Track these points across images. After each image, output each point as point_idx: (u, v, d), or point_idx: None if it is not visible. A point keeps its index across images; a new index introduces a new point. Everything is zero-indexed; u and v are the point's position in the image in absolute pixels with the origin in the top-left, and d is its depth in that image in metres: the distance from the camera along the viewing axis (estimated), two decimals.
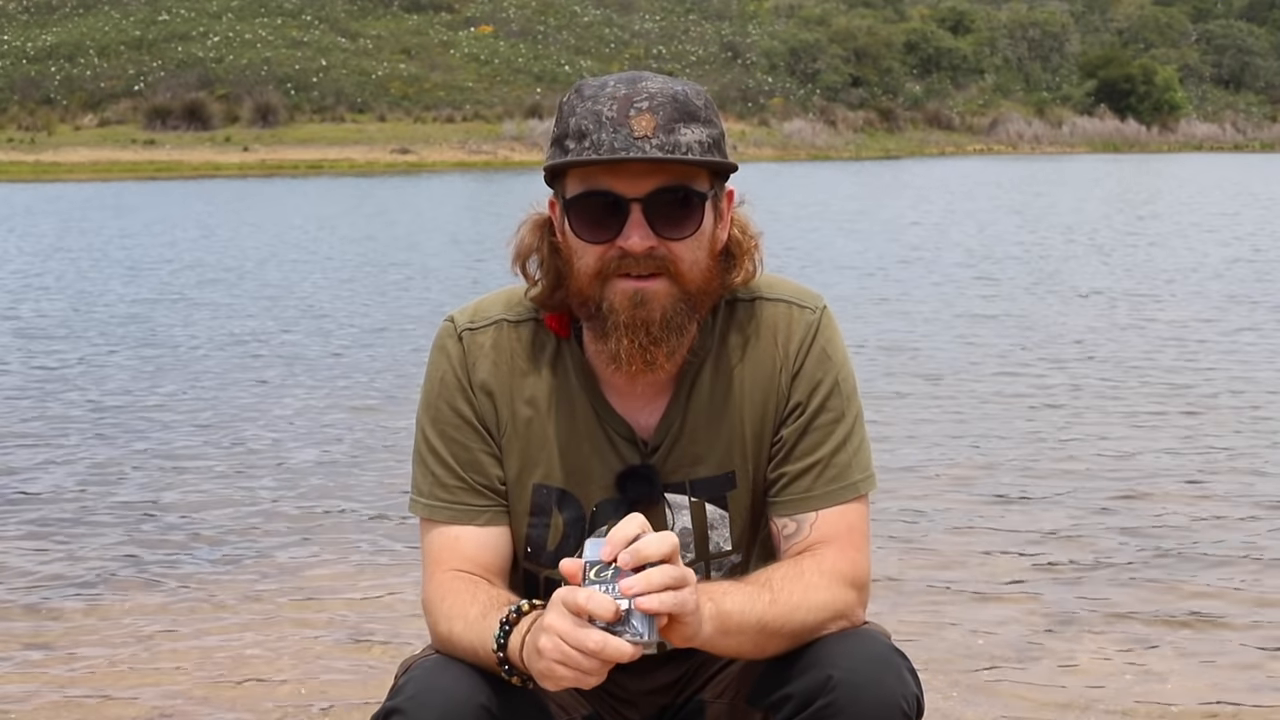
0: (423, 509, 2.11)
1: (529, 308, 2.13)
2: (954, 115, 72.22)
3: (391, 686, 2.02)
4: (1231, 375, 9.04)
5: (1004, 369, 9.39)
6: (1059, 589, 4.84)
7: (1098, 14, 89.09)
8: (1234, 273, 15.34)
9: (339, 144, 54.19)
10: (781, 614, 1.95)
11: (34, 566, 5.28)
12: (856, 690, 1.90)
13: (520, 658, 1.87)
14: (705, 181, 2.00)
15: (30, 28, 68.14)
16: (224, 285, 15.09)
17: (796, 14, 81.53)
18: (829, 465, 2.08)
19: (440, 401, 2.11)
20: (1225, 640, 4.34)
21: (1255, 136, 76.01)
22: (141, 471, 6.78)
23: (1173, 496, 6.08)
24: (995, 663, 4.17)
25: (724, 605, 1.90)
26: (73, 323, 12.22)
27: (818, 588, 1.99)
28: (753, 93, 69.54)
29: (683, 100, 1.97)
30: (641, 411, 2.11)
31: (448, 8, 74.91)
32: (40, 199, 32.55)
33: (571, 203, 2.00)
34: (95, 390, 8.97)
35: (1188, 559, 5.18)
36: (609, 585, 1.77)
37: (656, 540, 1.79)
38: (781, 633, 1.95)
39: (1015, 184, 37.67)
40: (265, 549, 5.47)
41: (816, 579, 2.00)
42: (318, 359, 10.12)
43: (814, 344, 2.11)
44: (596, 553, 1.80)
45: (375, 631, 4.51)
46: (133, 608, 4.79)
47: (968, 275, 15.37)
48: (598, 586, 1.77)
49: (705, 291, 2.03)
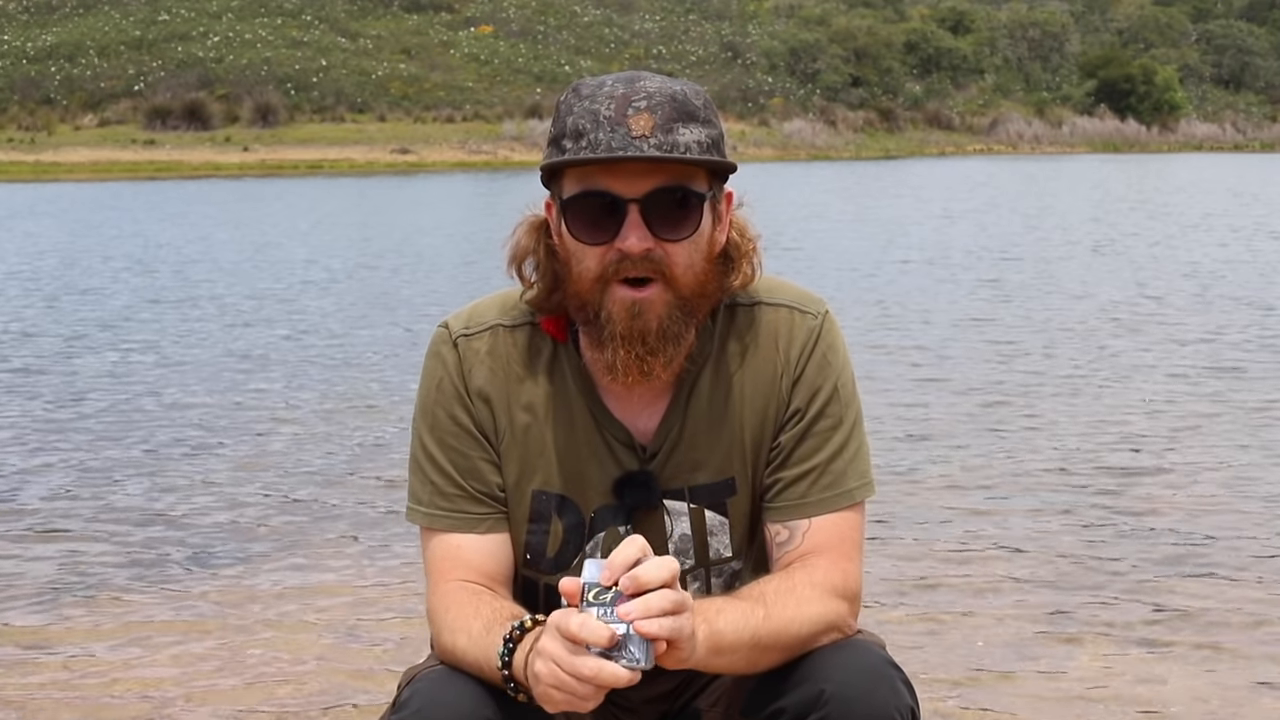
0: (422, 518, 2.08)
1: (524, 312, 2.10)
2: (954, 115, 72.23)
3: (395, 698, 2.00)
4: (1233, 375, 9.04)
5: (1004, 368, 9.38)
6: (1058, 591, 4.84)
7: (1098, 14, 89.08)
8: (1235, 275, 15.33)
9: (339, 144, 54.19)
10: (774, 629, 1.93)
11: (32, 567, 5.27)
12: (849, 704, 1.88)
13: (524, 675, 1.85)
14: (704, 182, 1.98)
15: (30, 28, 68.14)
16: (223, 285, 15.08)
17: (796, 14, 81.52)
18: (825, 472, 2.06)
19: (437, 409, 2.09)
20: (1225, 641, 4.33)
21: (1255, 136, 76.00)
22: (140, 472, 6.78)
23: (1173, 497, 6.08)
24: (994, 665, 4.16)
25: (717, 625, 1.88)
26: (69, 323, 12.21)
27: (810, 600, 1.97)
28: (753, 93, 69.55)
29: (681, 100, 1.95)
30: (640, 416, 2.08)
31: (448, 8, 74.89)
32: (40, 199, 32.54)
33: (569, 203, 1.97)
34: (93, 390, 8.96)
35: (1187, 560, 5.18)
36: (607, 609, 1.75)
37: (656, 565, 1.77)
38: (774, 648, 1.94)
39: (1016, 184, 37.66)
40: (265, 549, 5.47)
41: (809, 591, 1.97)
42: (316, 359, 10.11)
43: (815, 350, 2.08)
44: (596, 574, 1.77)
45: (375, 632, 4.51)
46: (132, 608, 4.79)
47: (967, 275, 15.35)
48: (596, 610, 1.75)
49: (702, 296, 2.00)
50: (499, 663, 1.88)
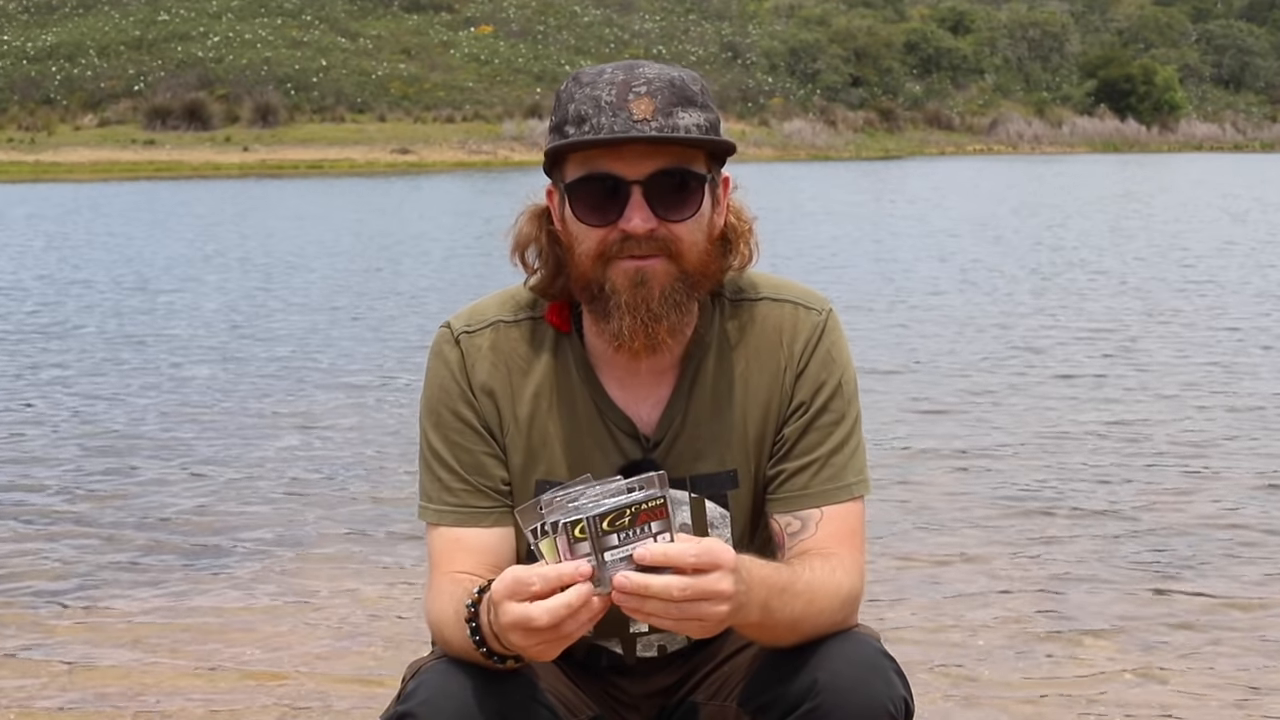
0: (431, 514, 2.11)
1: (525, 308, 2.14)
2: (954, 115, 72.26)
3: (399, 690, 2.02)
4: (1234, 376, 9.04)
5: (1003, 368, 9.38)
6: (1059, 590, 4.84)
7: (1098, 14, 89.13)
8: (1241, 271, 15.34)
9: (339, 144, 54.21)
10: (825, 590, 1.96)
11: (32, 567, 5.27)
12: (843, 694, 1.90)
13: (499, 644, 1.85)
14: (703, 165, 2.02)
15: (30, 28, 68.17)
16: (222, 285, 15.09)
17: (796, 14, 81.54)
18: (826, 464, 2.08)
19: (441, 407, 2.11)
20: (1226, 642, 4.33)
21: (1255, 136, 76.04)
22: (140, 472, 6.78)
23: (1173, 497, 6.08)
24: (994, 664, 4.16)
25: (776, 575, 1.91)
26: (66, 322, 12.22)
27: (841, 575, 2.01)
28: (753, 93, 69.57)
29: (680, 85, 1.99)
30: (643, 406, 2.11)
31: (448, 8, 74.92)
32: (40, 199, 32.54)
33: (572, 187, 2.01)
34: (91, 390, 8.97)
35: (1188, 560, 5.18)
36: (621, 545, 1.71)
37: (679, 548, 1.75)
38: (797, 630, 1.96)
39: (1014, 184, 37.66)
40: (264, 549, 5.47)
41: (840, 572, 2.01)
42: (315, 359, 10.11)
43: (819, 345, 2.11)
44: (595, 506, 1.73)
45: (375, 631, 4.51)
46: (131, 609, 4.79)
47: (968, 276, 15.37)
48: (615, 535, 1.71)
49: (704, 274, 2.04)
50: (473, 643, 1.89)
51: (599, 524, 1.71)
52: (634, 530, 1.72)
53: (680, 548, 1.72)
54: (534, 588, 1.72)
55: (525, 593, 1.73)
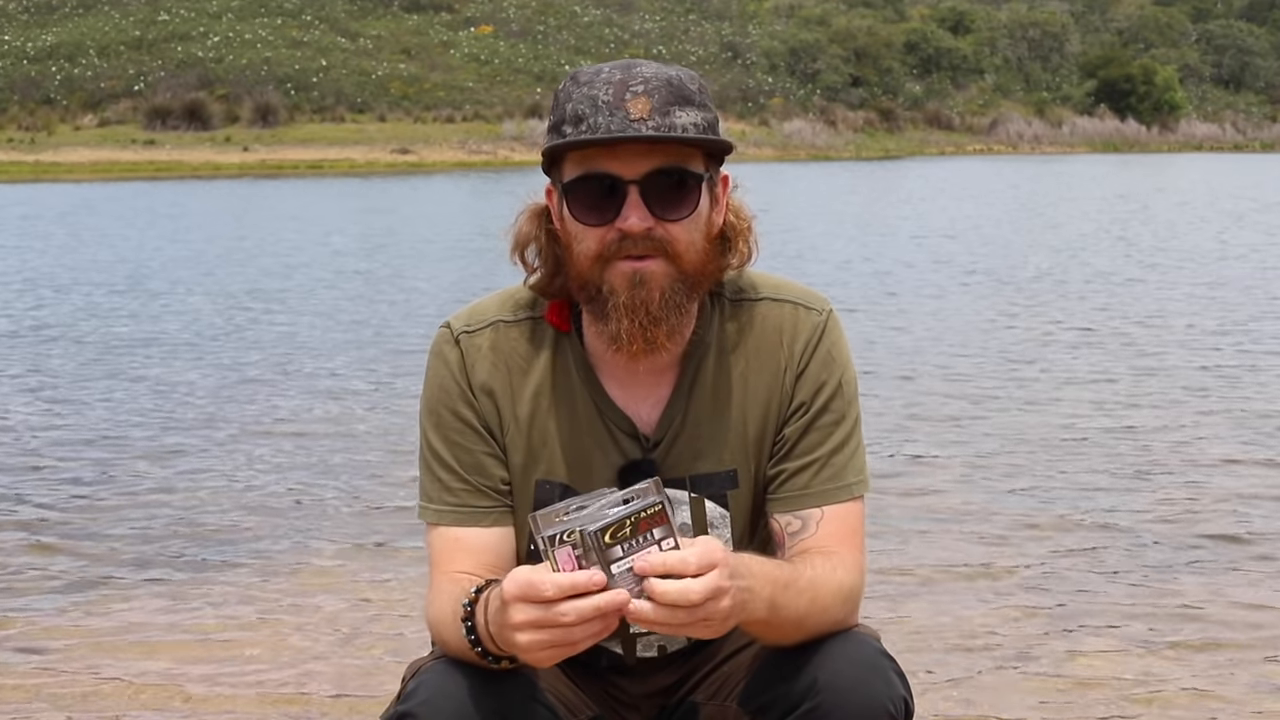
0: (430, 514, 2.11)
1: (524, 307, 2.14)
2: (954, 115, 72.25)
3: (400, 690, 2.02)
4: (1236, 379, 9.04)
5: (1003, 368, 9.38)
6: (1059, 589, 4.84)
7: (1098, 14, 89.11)
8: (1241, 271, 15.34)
9: (339, 144, 54.20)
10: (827, 588, 1.97)
11: (31, 567, 5.27)
12: (843, 693, 1.91)
13: (495, 644, 1.85)
14: (701, 164, 2.01)
15: (30, 28, 68.15)
16: (221, 285, 15.09)
17: (796, 14, 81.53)
18: (826, 464, 2.09)
19: (441, 407, 2.12)
20: (1227, 642, 4.33)
21: (1255, 136, 76.03)
22: (139, 473, 6.78)
23: (1174, 497, 6.08)
24: (994, 663, 4.16)
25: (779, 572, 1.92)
26: (65, 322, 12.22)
27: (842, 574, 2.01)
28: (753, 93, 69.56)
29: (677, 85, 1.99)
30: (643, 406, 2.11)
31: (448, 8, 74.91)
32: (40, 199, 32.54)
33: (570, 186, 2.01)
34: (90, 390, 8.96)
35: (1189, 559, 5.18)
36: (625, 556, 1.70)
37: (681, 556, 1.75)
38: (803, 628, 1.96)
39: (1014, 184, 37.67)
40: (264, 549, 5.47)
41: (841, 571, 2.02)
42: (314, 359, 10.12)
43: (820, 345, 2.11)
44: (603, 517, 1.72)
45: (375, 631, 4.51)
46: (131, 608, 4.79)
47: (966, 275, 15.37)
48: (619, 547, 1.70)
49: (703, 273, 2.04)
50: (469, 643, 1.89)
51: (600, 539, 1.70)
52: (636, 540, 1.72)
53: (680, 555, 1.72)
54: (547, 594, 1.71)
55: (539, 597, 1.72)
